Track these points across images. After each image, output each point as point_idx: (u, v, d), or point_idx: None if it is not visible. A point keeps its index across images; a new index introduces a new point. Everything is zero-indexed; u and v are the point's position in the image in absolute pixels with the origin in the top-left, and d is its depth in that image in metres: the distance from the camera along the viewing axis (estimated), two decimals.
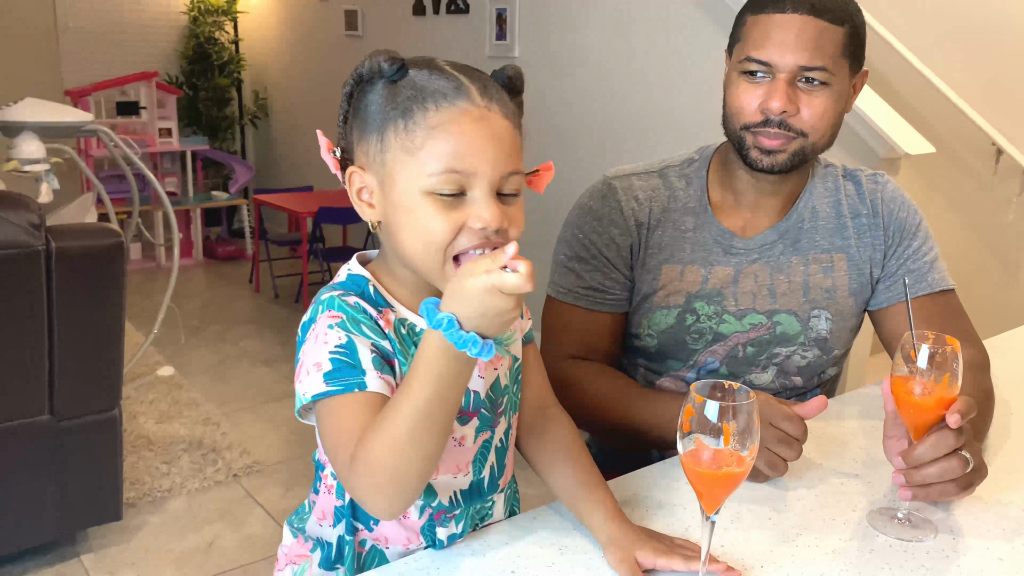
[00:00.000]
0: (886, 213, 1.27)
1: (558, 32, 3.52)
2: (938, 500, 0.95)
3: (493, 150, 0.76)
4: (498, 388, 0.90)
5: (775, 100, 1.11)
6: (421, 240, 0.77)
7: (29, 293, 1.90)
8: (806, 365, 1.28)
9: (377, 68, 0.78)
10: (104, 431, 2.13)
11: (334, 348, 0.78)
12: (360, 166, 0.81)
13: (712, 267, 1.24)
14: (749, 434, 0.73)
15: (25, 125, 3.02)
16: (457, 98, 0.76)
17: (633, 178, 1.27)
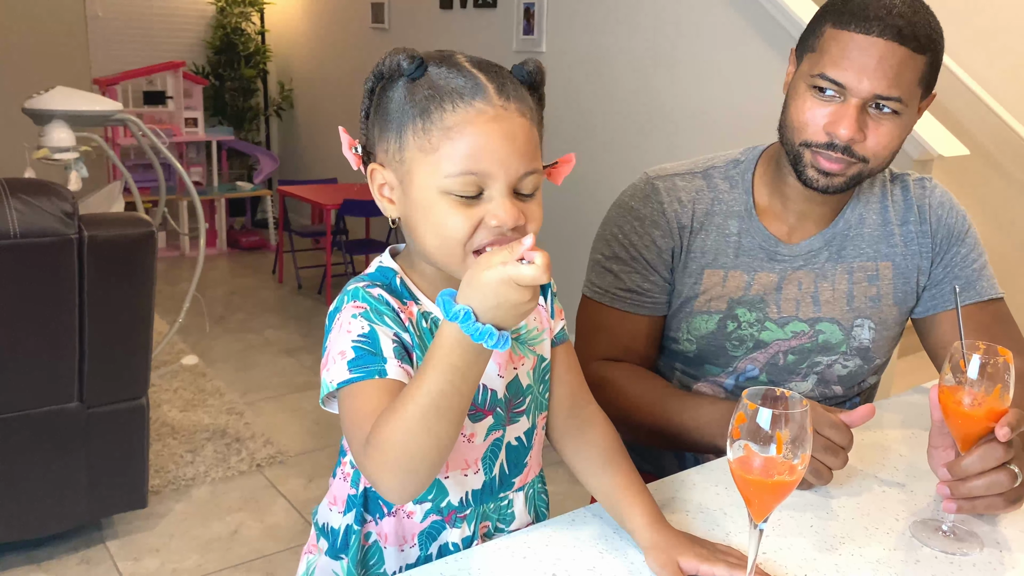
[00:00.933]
0: (934, 219, 1.25)
1: (586, 27, 3.49)
2: (984, 513, 0.93)
3: (509, 151, 0.76)
4: (517, 387, 0.90)
5: (844, 127, 1.06)
6: (439, 237, 0.78)
7: (61, 281, 1.91)
8: (847, 374, 1.26)
9: (397, 66, 0.78)
10: (132, 419, 2.14)
11: (357, 337, 0.79)
12: (381, 163, 0.82)
13: (756, 273, 1.21)
14: (801, 443, 0.72)
15: (55, 113, 3.04)
16: (473, 98, 0.76)
17: (676, 179, 1.24)
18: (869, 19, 1.04)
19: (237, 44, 5.54)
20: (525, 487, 0.95)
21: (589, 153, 3.58)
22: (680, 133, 3.19)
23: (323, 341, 0.83)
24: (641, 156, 3.34)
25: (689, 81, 3.13)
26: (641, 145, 3.35)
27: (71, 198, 1.92)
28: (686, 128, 3.17)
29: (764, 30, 2.83)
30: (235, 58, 5.57)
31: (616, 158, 3.45)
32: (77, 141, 3.11)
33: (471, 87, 0.76)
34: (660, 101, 3.25)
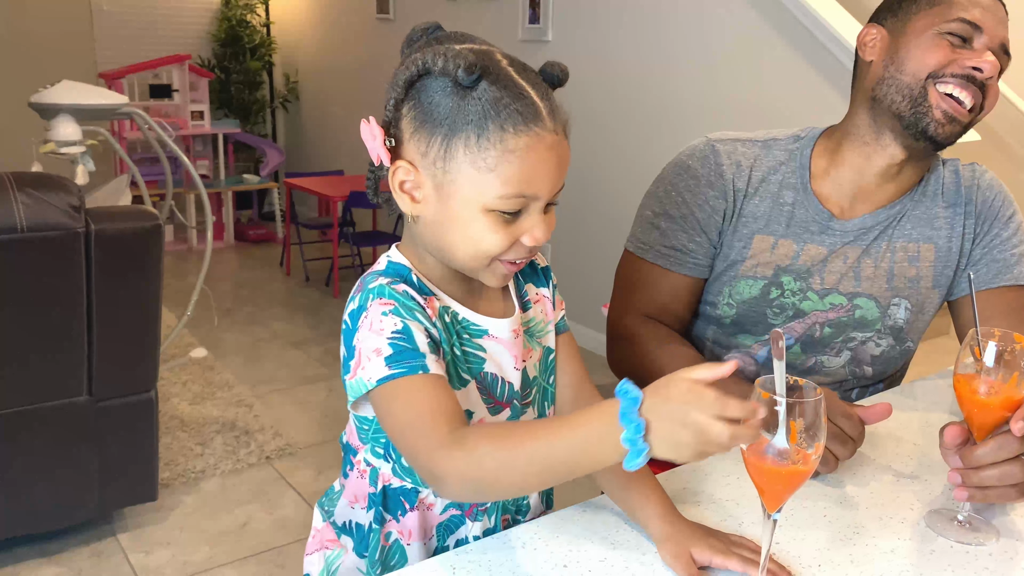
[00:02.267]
0: (980, 201, 1.25)
1: (592, 16, 3.47)
2: (995, 502, 0.92)
3: (558, 175, 0.79)
4: (525, 379, 0.90)
5: (987, 62, 1.10)
6: (473, 248, 0.79)
7: (69, 275, 1.91)
8: (879, 355, 1.27)
9: (451, 71, 0.75)
10: (141, 412, 2.14)
11: (392, 334, 0.77)
12: (410, 161, 0.80)
13: (805, 244, 1.22)
14: (816, 432, 0.71)
15: (61, 107, 3.04)
16: (533, 123, 0.76)
17: (737, 144, 1.26)
18: None
19: (242, 36, 5.53)
20: None
21: (595, 144, 3.56)
22: (688, 124, 3.17)
23: (344, 341, 0.81)
24: (647, 147, 3.32)
25: (697, 71, 3.10)
26: (647, 136, 3.32)
27: (78, 192, 1.91)
28: (693, 119, 3.15)
29: (774, 19, 2.81)
30: (240, 51, 5.56)
31: (622, 149, 3.43)
32: (84, 135, 3.11)
33: (529, 110, 0.76)
34: (667, 91, 3.23)
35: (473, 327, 0.86)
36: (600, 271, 3.21)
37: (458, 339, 0.84)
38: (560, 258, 3.83)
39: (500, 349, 0.87)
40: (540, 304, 0.94)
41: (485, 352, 0.86)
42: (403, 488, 0.88)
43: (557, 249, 3.84)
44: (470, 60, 0.75)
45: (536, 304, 0.94)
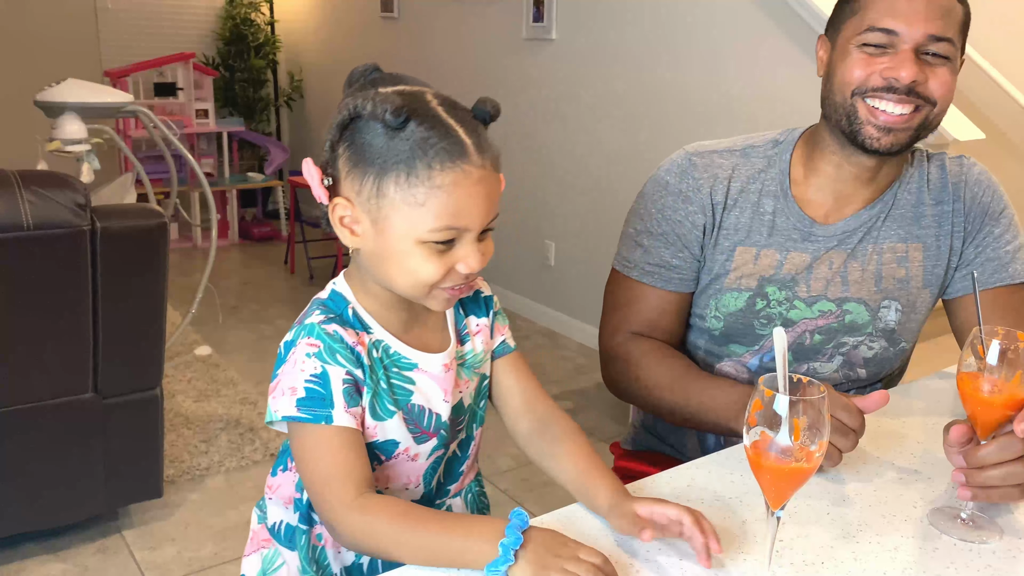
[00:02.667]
0: (968, 197, 1.23)
1: (597, 14, 3.47)
2: (998, 502, 0.92)
3: (486, 206, 0.83)
4: (460, 408, 0.96)
5: (904, 69, 1.06)
6: (412, 278, 0.84)
7: (74, 272, 1.92)
8: (872, 356, 1.26)
9: (379, 115, 0.80)
10: (146, 409, 2.15)
11: (309, 377, 0.84)
12: (347, 198, 0.85)
13: (788, 252, 1.21)
14: (819, 429, 0.71)
15: (67, 105, 3.05)
16: (460, 159, 0.80)
17: (715, 155, 1.24)
18: None
19: (247, 35, 5.54)
20: (462, 492, 1.01)
21: (599, 142, 3.56)
22: (693, 122, 3.17)
23: (275, 366, 0.88)
24: (652, 145, 3.31)
25: (703, 70, 3.10)
26: (653, 134, 3.32)
27: (83, 189, 1.92)
28: (699, 117, 3.14)
29: (780, 17, 2.80)
30: (245, 49, 5.56)
31: (627, 147, 3.43)
32: (89, 133, 3.12)
33: (456, 147, 0.80)
34: (674, 88, 3.23)
35: (403, 361, 0.90)
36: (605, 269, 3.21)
37: (386, 372, 0.89)
38: (565, 256, 3.84)
39: (429, 382, 0.92)
40: (479, 335, 0.98)
41: (414, 385, 0.91)
42: None
43: (560, 246, 3.84)
44: (397, 103, 0.79)
45: (475, 336, 0.98)
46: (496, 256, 0.90)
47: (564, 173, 3.77)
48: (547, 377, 3.42)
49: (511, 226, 4.14)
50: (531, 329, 3.97)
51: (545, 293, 3.99)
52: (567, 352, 3.68)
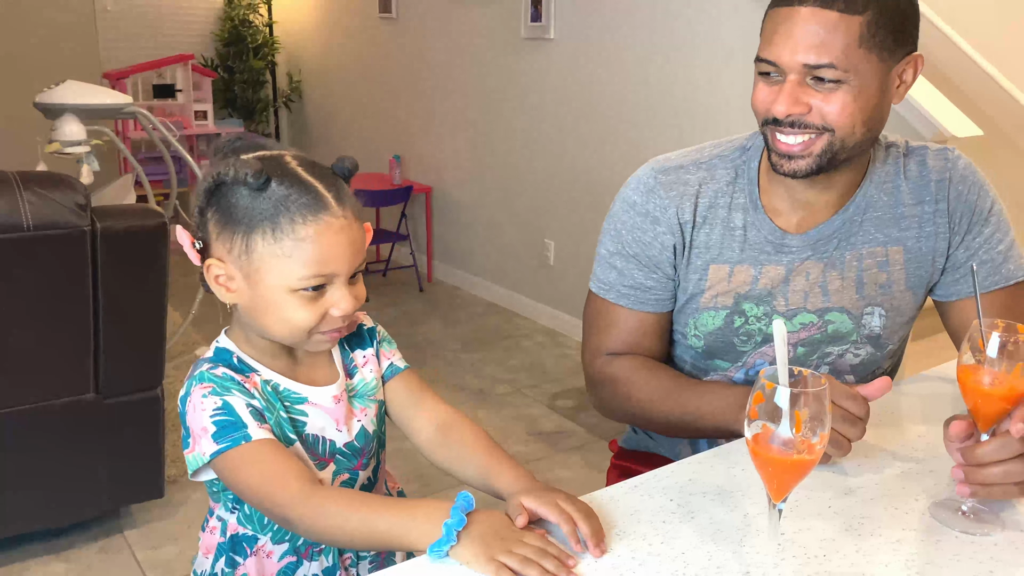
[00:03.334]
0: (953, 196, 1.18)
1: (595, 13, 3.47)
2: (998, 499, 0.92)
3: (351, 252, 0.90)
4: (366, 435, 1.00)
5: (779, 103, 1.04)
6: (288, 328, 0.90)
7: (75, 273, 1.92)
8: (859, 363, 1.23)
9: (242, 179, 0.87)
10: (147, 409, 2.16)
11: (213, 412, 0.89)
12: (219, 258, 0.91)
13: (763, 266, 1.17)
14: (820, 421, 0.71)
15: (66, 107, 3.06)
16: (321, 212, 0.87)
17: (680, 171, 1.20)
18: None
19: (245, 36, 5.55)
20: None
21: (598, 140, 3.56)
22: (690, 120, 3.17)
23: (181, 422, 0.92)
24: (651, 142, 3.32)
25: (698, 67, 3.11)
26: (651, 132, 3.33)
27: (83, 190, 1.93)
28: (697, 115, 3.15)
29: None
30: (244, 50, 5.57)
31: (626, 146, 3.44)
32: (88, 135, 3.12)
33: (316, 201, 0.87)
34: (669, 88, 3.23)
35: (294, 395, 0.96)
36: None
37: (282, 406, 0.95)
38: (565, 255, 3.84)
39: (321, 413, 0.97)
40: (367, 365, 1.04)
41: (307, 416, 0.96)
42: (245, 535, 0.98)
43: (560, 245, 3.85)
44: (257, 167, 0.87)
45: (363, 367, 1.03)
46: (496, 255, 0.92)
47: (563, 172, 3.77)
48: (548, 376, 3.43)
49: (511, 225, 4.15)
50: (531, 328, 3.97)
51: (545, 292, 4.00)
52: (568, 350, 3.68)
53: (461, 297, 4.43)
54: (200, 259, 0.93)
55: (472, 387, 3.30)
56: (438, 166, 4.57)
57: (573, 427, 2.99)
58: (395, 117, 4.83)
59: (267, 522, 0.97)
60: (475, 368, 3.50)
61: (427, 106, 4.56)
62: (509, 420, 3.03)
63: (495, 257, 4.29)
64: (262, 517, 0.96)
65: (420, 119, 4.64)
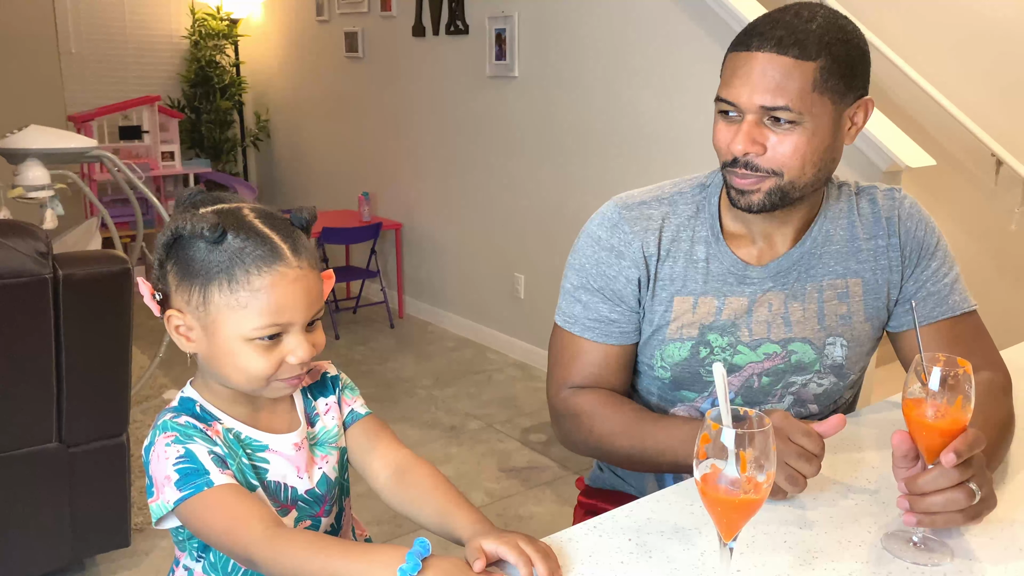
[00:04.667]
0: (903, 232, 1.24)
1: (557, 51, 3.54)
2: (944, 527, 0.94)
3: (306, 302, 0.92)
4: (328, 482, 1.02)
5: (737, 142, 1.09)
6: (246, 375, 0.92)
7: (37, 320, 1.91)
8: (823, 392, 1.26)
9: (199, 232, 0.89)
10: (112, 457, 2.13)
11: (176, 460, 0.90)
12: (179, 309, 0.94)
13: (726, 298, 1.21)
14: (766, 460, 0.73)
15: (29, 152, 3.04)
16: (275, 262, 0.90)
17: (643, 207, 1.24)
18: (751, 36, 1.07)
19: (212, 77, 5.56)
20: None
21: (565, 174, 3.61)
22: (655, 151, 3.23)
23: (145, 472, 0.94)
24: (617, 175, 3.37)
25: (660, 100, 3.17)
26: (617, 164, 3.38)
27: (45, 237, 1.91)
28: (661, 146, 3.21)
29: None
30: (211, 90, 5.58)
31: (592, 179, 3.48)
32: (52, 179, 3.10)
33: (271, 252, 0.90)
34: (633, 121, 3.29)
35: (255, 443, 0.98)
36: None
37: (244, 453, 0.97)
38: (534, 288, 3.86)
39: (282, 461, 0.99)
40: (328, 413, 1.05)
41: (268, 464, 0.98)
42: None
43: (530, 278, 3.87)
44: (213, 221, 0.89)
45: (325, 415, 1.05)
46: (467, 289, 0.94)
47: (531, 205, 3.81)
48: (520, 409, 3.43)
49: (481, 259, 4.17)
50: (503, 361, 3.98)
51: (516, 325, 4.01)
52: (539, 383, 3.69)
53: (432, 332, 4.43)
54: (160, 310, 0.96)
55: (444, 424, 3.29)
56: (407, 202, 4.59)
57: (546, 462, 2.99)
58: (363, 155, 4.85)
59: (231, 570, 0.97)
60: (447, 404, 3.49)
61: (395, 143, 4.59)
62: (482, 456, 3.02)
63: (466, 291, 4.31)
64: (227, 565, 0.96)
65: (388, 156, 4.66)
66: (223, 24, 5.58)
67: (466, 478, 2.85)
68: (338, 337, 4.29)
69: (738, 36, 1.11)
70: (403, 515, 1.02)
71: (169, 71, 5.63)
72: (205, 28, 5.54)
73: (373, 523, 2.45)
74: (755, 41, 1.07)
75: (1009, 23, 3.24)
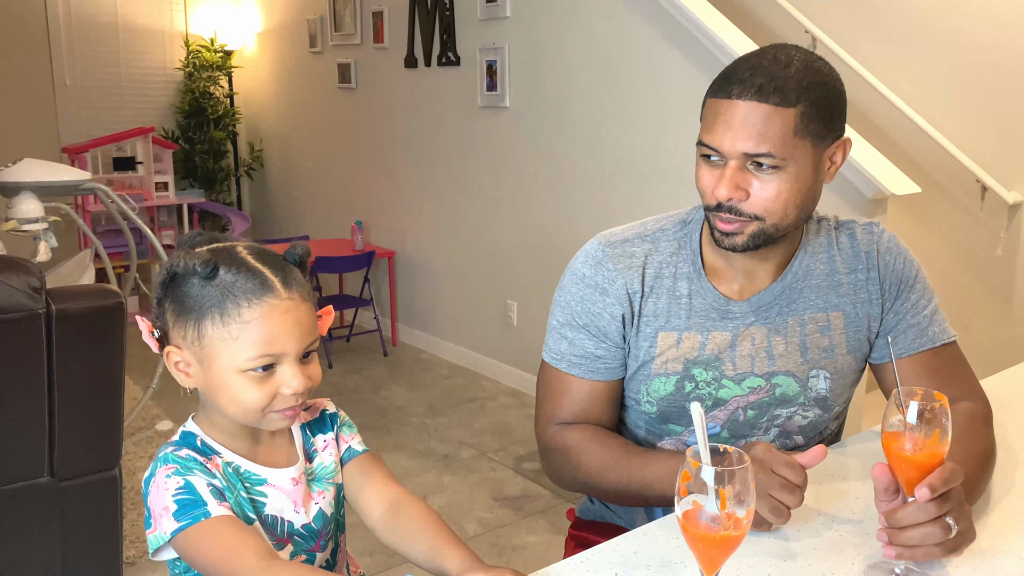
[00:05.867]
0: (882, 266, 1.26)
1: (547, 82, 3.58)
2: (923, 560, 0.96)
3: (298, 332, 0.94)
4: (324, 518, 1.04)
5: (721, 188, 1.10)
6: (241, 407, 0.95)
7: (29, 355, 1.91)
8: (807, 424, 1.28)
9: (192, 269, 0.93)
10: (104, 491, 2.12)
11: (175, 491, 0.92)
12: (177, 345, 0.97)
13: (709, 332, 1.23)
14: (745, 497, 0.75)
15: (23, 185, 3.06)
16: (265, 294, 0.92)
17: (626, 244, 1.26)
18: (731, 83, 1.09)
19: (206, 107, 5.60)
20: None
21: (555, 202, 3.64)
22: (640, 183, 3.27)
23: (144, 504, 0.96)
24: (606, 203, 3.40)
25: (648, 133, 3.21)
26: (605, 192, 3.41)
27: (39, 272, 1.93)
28: (649, 176, 3.24)
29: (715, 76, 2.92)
30: (204, 121, 5.62)
31: (582, 207, 3.52)
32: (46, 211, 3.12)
33: (261, 285, 0.93)
34: (621, 150, 3.33)
35: (254, 477, 1.00)
36: None
37: (242, 486, 0.99)
38: (527, 315, 3.88)
39: (279, 495, 1.01)
40: (326, 449, 1.08)
41: (266, 497, 1.00)
42: None
43: (523, 305, 3.89)
44: (205, 257, 0.93)
45: (323, 451, 1.08)
46: (460, 317, 0.96)
47: (522, 233, 3.84)
48: (513, 437, 3.43)
49: (473, 287, 4.19)
50: (496, 389, 3.99)
51: (509, 352, 4.02)
52: (532, 411, 3.68)
53: (426, 360, 4.44)
54: (159, 346, 0.99)
55: (438, 452, 3.29)
56: (400, 231, 4.62)
57: (539, 490, 2.99)
58: (356, 184, 4.89)
59: None
60: (440, 432, 3.50)
61: (388, 172, 4.63)
62: (475, 485, 3.02)
63: (459, 319, 4.32)
64: None
65: (381, 185, 4.70)
66: (217, 56, 5.64)
67: (459, 508, 2.85)
68: (331, 366, 4.30)
69: (717, 82, 1.13)
70: (395, 551, 1.03)
71: (163, 102, 5.68)
72: (199, 60, 5.59)
73: (366, 554, 2.45)
74: (736, 88, 1.08)
75: (993, 50, 3.30)
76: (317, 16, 4.93)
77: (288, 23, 5.27)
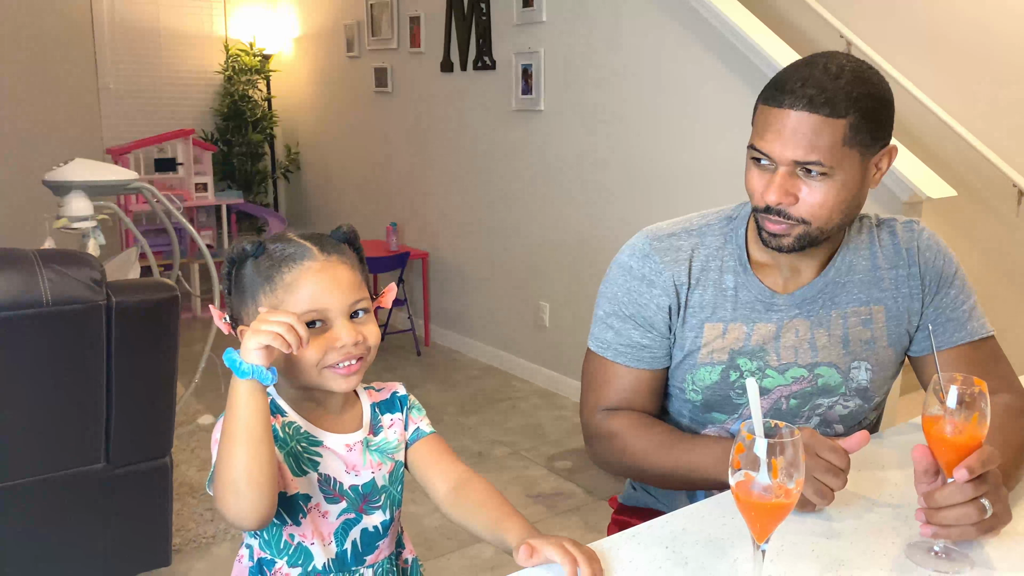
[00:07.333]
0: (922, 262, 1.29)
1: (583, 86, 3.63)
2: (959, 539, 0.99)
3: (338, 289, 1.01)
4: (373, 487, 1.09)
5: (771, 193, 1.15)
6: (297, 366, 1.02)
7: (90, 346, 2.00)
8: (848, 414, 1.32)
9: (241, 250, 1.03)
10: (156, 478, 2.20)
11: None
12: (246, 325, 1.02)
13: (755, 324, 1.27)
14: (795, 468, 0.79)
15: (75, 184, 3.16)
16: (303, 258, 1.01)
17: (672, 238, 1.31)
18: (783, 92, 1.12)
19: (244, 111, 5.72)
20: (375, 565, 1.11)
21: (589, 205, 3.69)
22: (677, 186, 3.30)
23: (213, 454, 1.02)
24: (640, 207, 3.44)
25: (685, 137, 3.25)
26: (640, 198, 3.45)
27: (99, 266, 2.01)
28: (683, 181, 3.28)
29: (752, 81, 2.96)
30: (243, 124, 5.74)
31: (615, 211, 3.56)
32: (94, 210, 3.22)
33: (300, 251, 1.02)
34: (656, 155, 3.37)
35: (311, 438, 1.07)
36: None
37: (298, 444, 1.06)
38: (559, 316, 3.93)
39: (332, 456, 1.08)
40: (393, 427, 1.14)
41: (321, 458, 1.07)
42: (266, 559, 1.07)
43: (555, 307, 3.94)
44: (255, 239, 1.03)
45: (389, 428, 1.14)
46: (492, 318, 1.01)
47: (555, 236, 3.89)
48: (545, 437, 3.48)
49: (505, 288, 4.25)
50: (528, 389, 4.04)
51: (540, 353, 4.07)
52: (564, 412, 3.74)
53: (458, 360, 4.50)
54: (231, 328, 1.07)
55: (471, 450, 3.35)
56: (434, 232, 4.69)
57: (572, 488, 3.03)
58: (391, 186, 4.97)
59: (283, 547, 1.05)
60: (473, 431, 3.55)
61: (422, 175, 4.71)
62: (508, 483, 3.07)
63: (491, 320, 4.38)
64: (279, 542, 1.05)
65: (416, 188, 4.78)
66: (256, 60, 5.76)
67: None
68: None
69: (769, 89, 1.16)
70: (459, 526, 1.09)
71: (203, 105, 5.81)
72: (238, 64, 5.72)
73: None
74: (787, 99, 1.12)
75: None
76: (354, 21, 5.03)
77: (325, 28, 5.37)
